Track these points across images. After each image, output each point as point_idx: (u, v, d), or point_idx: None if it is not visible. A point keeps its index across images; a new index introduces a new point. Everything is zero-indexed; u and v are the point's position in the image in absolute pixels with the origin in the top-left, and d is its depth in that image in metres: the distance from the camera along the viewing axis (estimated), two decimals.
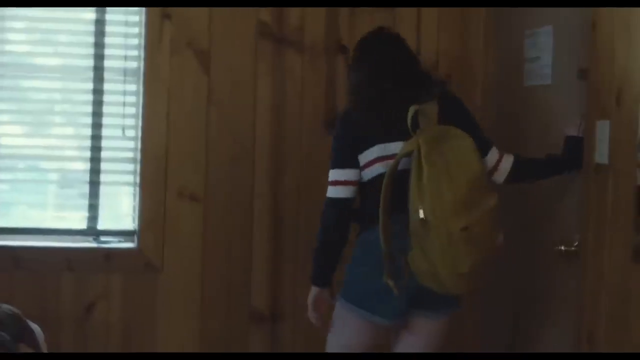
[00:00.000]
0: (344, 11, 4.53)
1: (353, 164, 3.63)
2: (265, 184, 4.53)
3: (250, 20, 4.50)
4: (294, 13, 4.52)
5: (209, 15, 4.48)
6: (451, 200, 3.33)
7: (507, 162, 3.70)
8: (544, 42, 3.94)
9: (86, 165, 4.59)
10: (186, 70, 4.48)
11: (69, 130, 4.73)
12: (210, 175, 4.51)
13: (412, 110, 3.46)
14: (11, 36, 4.60)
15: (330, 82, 4.53)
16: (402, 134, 3.49)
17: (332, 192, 3.64)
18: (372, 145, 3.59)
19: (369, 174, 3.62)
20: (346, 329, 3.70)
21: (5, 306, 3.72)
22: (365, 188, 3.64)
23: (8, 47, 4.57)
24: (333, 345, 3.77)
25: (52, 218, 4.73)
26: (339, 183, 3.63)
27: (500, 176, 3.71)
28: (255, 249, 4.53)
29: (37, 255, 4.44)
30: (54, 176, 4.79)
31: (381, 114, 3.61)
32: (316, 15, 4.51)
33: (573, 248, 3.44)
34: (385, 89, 3.65)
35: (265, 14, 4.52)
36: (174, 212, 4.49)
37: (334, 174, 3.65)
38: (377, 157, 3.59)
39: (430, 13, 4.62)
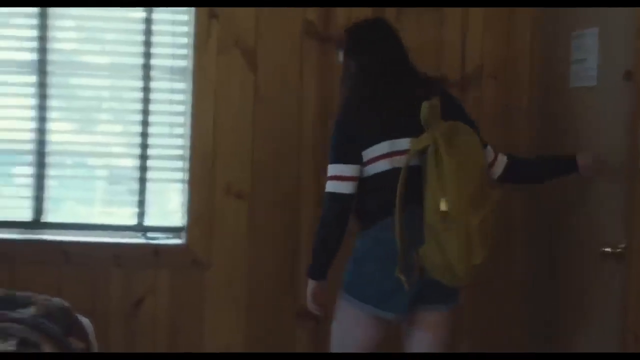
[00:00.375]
0: (390, 12, 4.54)
1: (356, 159, 3.61)
2: (310, 180, 4.55)
3: (297, 19, 4.53)
4: (340, 13, 4.54)
5: (256, 14, 4.52)
6: (469, 194, 3.38)
7: (502, 160, 3.79)
8: (590, 44, 3.94)
9: (134, 162, 4.65)
10: (233, 68, 4.51)
11: (118, 128, 4.78)
12: (256, 172, 4.55)
13: (425, 106, 3.48)
14: (60, 34, 4.64)
15: None
16: (410, 130, 3.52)
17: (333, 187, 3.62)
18: (381, 141, 3.58)
19: (372, 169, 3.61)
20: (351, 325, 3.71)
21: (57, 300, 3.79)
22: (367, 184, 3.62)
23: (57, 45, 4.62)
24: (338, 338, 3.79)
25: (100, 214, 4.78)
26: (340, 178, 3.61)
27: (496, 173, 3.79)
28: (301, 246, 4.55)
29: (86, 250, 4.50)
30: (102, 173, 4.84)
31: (391, 109, 3.62)
32: (362, 15, 4.51)
33: (619, 250, 3.44)
34: (394, 83, 3.67)
35: (311, 13, 4.54)
36: (221, 209, 4.53)
37: (335, 169, 3.62)
38: (385, 153, 3.58)
39: (476, 13, 4.64)
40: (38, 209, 4.59)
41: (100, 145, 4.72)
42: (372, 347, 3.74)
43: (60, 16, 4.61)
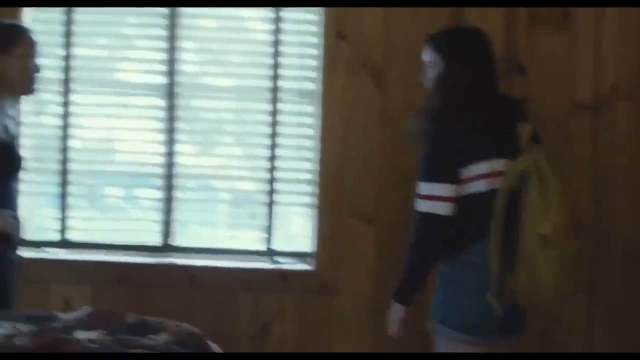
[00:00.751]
0: (521, 29, 4.47)
1: (454, 178, 3.42)
2: None
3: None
4: None
5: (385, 34, 4.48)
6: (567, 218, 3.31)
7: None
8: None
9: (262, 186, 4.63)
10: (361, 90, 4.48)
11: (244, 151, 4.75)
12: (384, 195, 4.50)
13: (526, 128, 3.39)
14: (187, 57, 4.65)
15: None
16: (507, 151, 3.41)
17: (429, 207, 3.42)
18: (480, 160, 3.42)
19: (467, 189, 3.43)
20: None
21: (186, 325, 3.75)
22: (459, 204, 3.43)
23: (185, 68, 4.63)
24: None
25: (225, 237, 4.78)
26: (437, 198, 3.41)
27: None
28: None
29: (214, 275, 4.52)
30: (227, 196, 4.83)
31: (488, 128, 3.46)
32: (493, 34, 4.41)
33: None
34: (488, 100, 3.53)
35: None
36: (349, 233, 4.50)
37: (431, 188, 3.43)
38: (483, 174, 3.43)
39: (610, 32, 4.50)
40: (166, 233, 4.61)
41: (227, 169, 4.72)
42: None
43: (187, 38, 4.62)
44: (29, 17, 4.50)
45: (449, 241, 3.47)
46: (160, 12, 4.59)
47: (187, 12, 4.59)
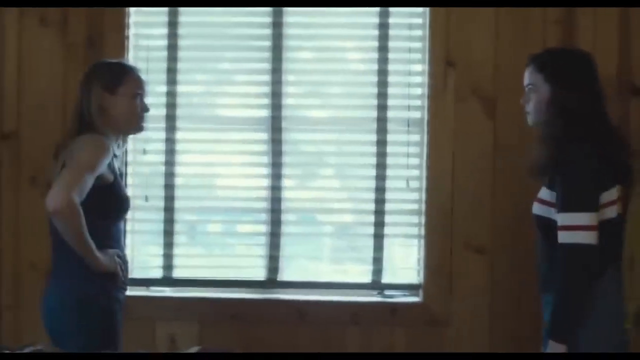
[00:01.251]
0: (635, 48, 4.34)
1: (596, 205, 3.31)
2: None
3: None
4: None
5: (494, 60, 4.39)
6: None
7: None
8: None
9: (367, 218, 4.55)
10: (471, 118, 4.40)
11: (350, 183, 4.67)
12: (497, 225, 4.40)
13: None
14: (290, 89, 4.60)
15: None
16: (623, 176, 3.37)
17: (589, 238, 3.28)
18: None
19: (601, 217, 3.31)
20: None
21: None
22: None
23: (288, 101, 4.59)
24: None
25: (331, 271, 4.71)
26: (582, 228, 3.27)
27: None
28: None
29: (322, 309, 4.45)
30: (332, 229, 4.77)
31: (612, 152, 3.37)
32: (606, 54, 4.29)
33: None
34: (605, 125, 3.43)
35: None
36: (460, 265, 4.41)
37: (589, 218, 3.29)
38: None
39: None
40: (271, 267, 4.56)
41: (330, 201, 4.65)
42: None
43: (289, 71, 4.59)
44: (132, 56, 4.51)
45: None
46: (260, 46, 4.57)
47: (288, 45, 4.56)
